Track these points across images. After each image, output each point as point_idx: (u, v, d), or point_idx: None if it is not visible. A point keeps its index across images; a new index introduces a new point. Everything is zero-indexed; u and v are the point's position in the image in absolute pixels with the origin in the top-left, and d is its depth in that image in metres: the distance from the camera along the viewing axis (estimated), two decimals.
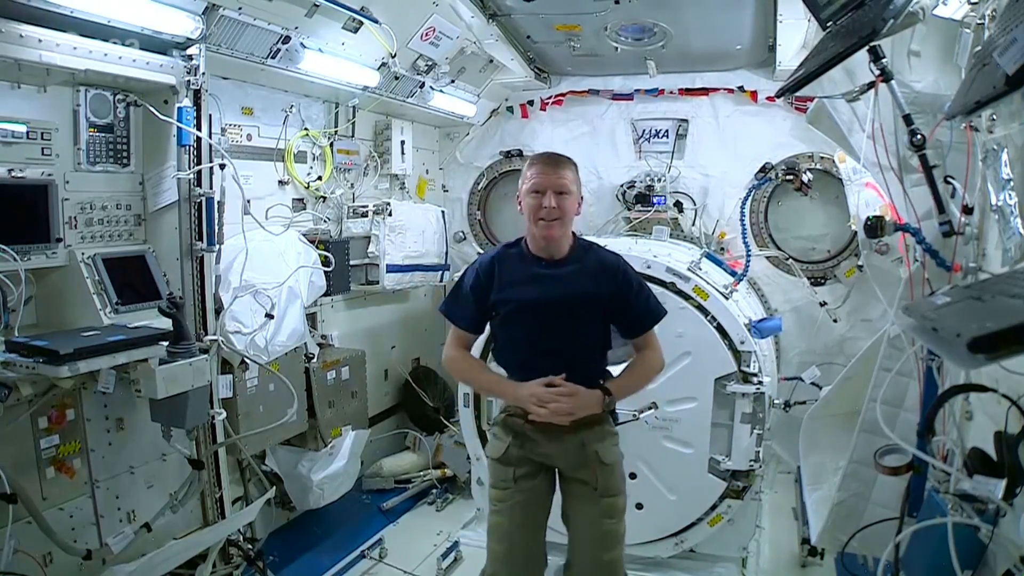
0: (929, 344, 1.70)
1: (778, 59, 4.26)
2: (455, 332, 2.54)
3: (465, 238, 5.53)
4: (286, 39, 3.20)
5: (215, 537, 2.92)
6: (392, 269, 4.38)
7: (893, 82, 2.21)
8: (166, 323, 2.60)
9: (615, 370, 2.52)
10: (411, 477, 4.56)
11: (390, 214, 4.33)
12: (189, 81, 2.84)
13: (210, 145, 2.94)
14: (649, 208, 4.75)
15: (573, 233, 2.47)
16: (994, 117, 1.94)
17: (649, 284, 3.35)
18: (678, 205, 4.80)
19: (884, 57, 2.17)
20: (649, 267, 3.34)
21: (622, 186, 4.96)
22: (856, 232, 3.94)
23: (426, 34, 3.93)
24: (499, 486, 2.47)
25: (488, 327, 2.58)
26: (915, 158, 2.26)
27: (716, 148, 4.84)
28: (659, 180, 4.80)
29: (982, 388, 1.83)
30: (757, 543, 3.80)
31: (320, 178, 4.14)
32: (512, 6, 3.99)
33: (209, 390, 2.79)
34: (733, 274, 3.86)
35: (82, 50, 2.47)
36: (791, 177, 4.53)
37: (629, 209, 4.88)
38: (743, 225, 4.61)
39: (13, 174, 2.46)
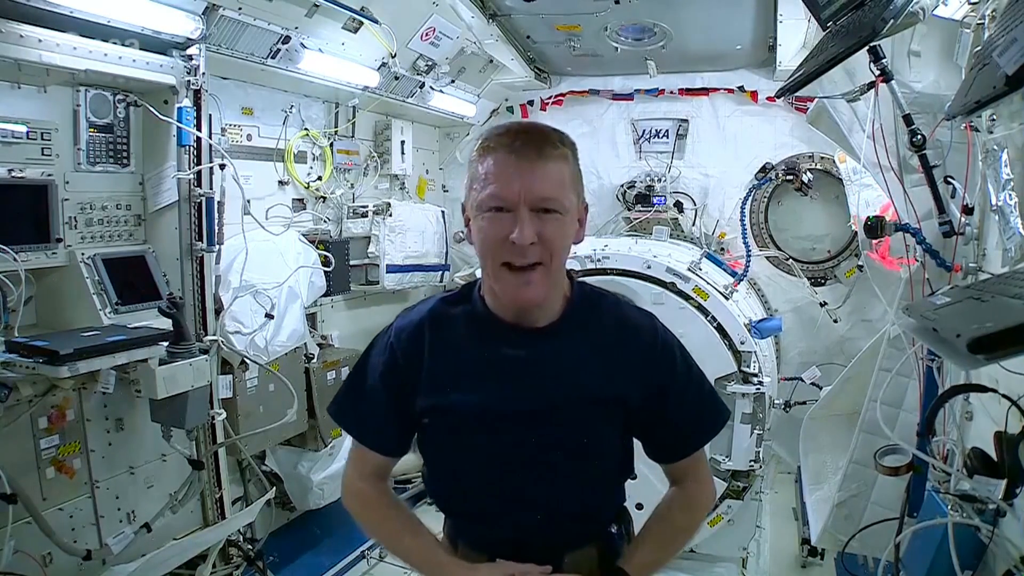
0: (929, 344, 1.70)
1: (778, 59, 4.26)
2: (358, 452, 1.49)
3: (465, 238, 5.54)
4: (286, 39, 3.20)
5: (215, 537, 2.92)
6: (392, 269, 4.38)
7: (893, 82, 2.21)
8: (166, 323, 2.60)
9: None
10: (411, 477, 4.53)
11: (390, 214, 4.33)
12: (189, 81, 2.84)
13: (210, 145, 2.94)
14: (649, 208, 4.76)
15: (569, 273, 1.44)
16: (994, 117, 1.94)
17: (649, 284, 3.42)
18: (678, 205, 4.80)
19: (884, 57, 2.18)
20: (649, 267, 3.35)
21: (622, 186, 4.97)
22: (856, 232, 3.95)
23: (426, 34, 3.93)
24: None
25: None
26: (915, 158, 2.27)
27: (716, 148, 4.84)
28: (659, 180, 4.80)
29: (982, 388, 1.83)
30: (757, 543, 3.79)
31: (320, 178, 4.14)
32: (512, 6, 3.99)
33: (209, 390, 2.79)
34: (733, 274, 3.86)
35: (82, 50, 2.47)
36: (791, 177, 4.53)
37: (629, 209, 4.88)
38: (743, 225, 4.61)
39: (13, 174, 2.46)
